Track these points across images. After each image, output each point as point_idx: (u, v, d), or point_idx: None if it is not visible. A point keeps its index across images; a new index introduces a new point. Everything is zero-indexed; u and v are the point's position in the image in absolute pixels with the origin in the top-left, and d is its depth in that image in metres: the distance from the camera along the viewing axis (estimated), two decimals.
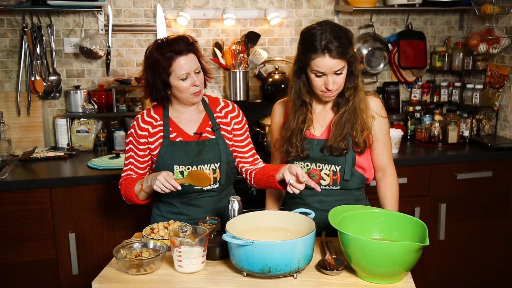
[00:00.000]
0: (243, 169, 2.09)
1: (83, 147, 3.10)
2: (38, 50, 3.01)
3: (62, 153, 2.93)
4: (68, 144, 3.09)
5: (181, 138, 2.02)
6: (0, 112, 2.97)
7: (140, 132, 2.02)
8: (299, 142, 1.92)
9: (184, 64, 1.91)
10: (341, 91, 1.89)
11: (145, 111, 2.07)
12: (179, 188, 1.82)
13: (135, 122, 2.05)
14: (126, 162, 2.07)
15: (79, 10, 3.04)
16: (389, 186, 1.99)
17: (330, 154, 1.90)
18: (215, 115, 2.08)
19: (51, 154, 2.91)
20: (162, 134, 2.02)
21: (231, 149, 2.08)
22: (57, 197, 2.55)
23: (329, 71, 1.79)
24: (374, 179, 2.04)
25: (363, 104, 1.89)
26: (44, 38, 3.02)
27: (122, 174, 2.07)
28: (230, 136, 2.08)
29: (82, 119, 3.10)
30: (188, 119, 2.05)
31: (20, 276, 2.58)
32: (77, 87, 3.10)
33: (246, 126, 2.13)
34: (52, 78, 3.09)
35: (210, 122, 2.06)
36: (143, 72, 1.98)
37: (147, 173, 2.10)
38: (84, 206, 2.59)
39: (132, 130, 2.05)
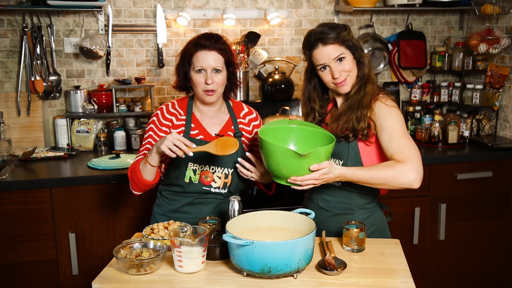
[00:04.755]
0: None
1: (83, 147, 3.10)
2: (38, 50, 3.01)
3: (62, 153, 2.93)
4: (68, 144, 3.09)
5: (202, 137, 2.02)
6: (0, 112, 2.98)
7: (163, 121, 2.02)
8: None
9: (202, 58, 1.94)
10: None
11: (169, 103, 2.07)
12: (190, 154, 1.78)
13: (158, 112, 2.04)
14: (141, 149, 2.03)
15: (79, 10, 3.04)
16: (384, 163, 1.81)
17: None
18: (238, 120, 2.09)
19: (51, 154, 2.91)
20: (183, 129, 2.02)
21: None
22: (57, 197, 2.55)
23: (328, 60, 1.84)
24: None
25: (371, 94, 1.88)
26: (44, 38, 3.02)
27: (136, 159, 2.01)
28: (250, 143, 2.10)
29: (82, 119, 3.10)
30: (210, 120, 2.06)
31: (20, 276, 2.58)
32: (77, 87, 3.10)
33: None
34: (52, 78, 3.09)
35: (233, 127, 2.07)
36: (178, 60, 2.05)
37: (162, 164, 2.04)
38: (84, 206, 2.59)
39: (154, 118, 2.03)
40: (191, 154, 1.78)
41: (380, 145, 1.86)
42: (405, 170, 1.74)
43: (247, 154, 1.98)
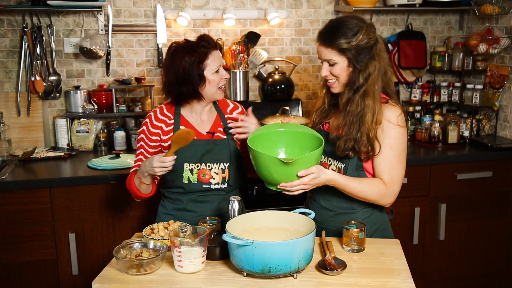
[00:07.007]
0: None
1: (83, 147, 3.10)
2: (38, 50, 3.01)
3: (62, 153, 2.93)
4: (68, 144, 3.09)
5: (194, 137, 2.03)
6: (0, 112, 2.98)
7: (153, 130, 2.05)
8: (318, 119, 2.04)
9: (216, 58, 2.00)
10: (345, 89, 1.88)
11: (157, 109, 2.09)
12: (175, 157, 1.90)
13: (147, 120, 2.07)
14: (136, 158, 2.10)
15: (79, 10, 3.04)
16: (373, 180, 1.85)
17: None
18: (226, 116, 2.12)
19: (51, 154, 2.91)
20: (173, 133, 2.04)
21: (240, 150, 2.11)
22: (57, 197, 2.55)
23: (321, 57, 1.87)
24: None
25: (371, 111, 1.80)
26: (44, 38, 3.02)
27: (131, 170, 2.10)
28: (241, 145, 2.11)
29: (82, 119, 3.10)
30: (200, 119, 2.09)
31: (20, 276, 2.58)
32: (77, 87, 3.10)
33: None
34: (52, 78, 3.09)
35: (222, 123, 2.10)
36: (164, 72, 2.02)
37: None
38: (84, 206, 2.59)
39: (144, 127, 2.07)
40: (175, 157, 1.91)
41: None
42: (387, 194, 1.84)
43: (229, 125, 2.06)
